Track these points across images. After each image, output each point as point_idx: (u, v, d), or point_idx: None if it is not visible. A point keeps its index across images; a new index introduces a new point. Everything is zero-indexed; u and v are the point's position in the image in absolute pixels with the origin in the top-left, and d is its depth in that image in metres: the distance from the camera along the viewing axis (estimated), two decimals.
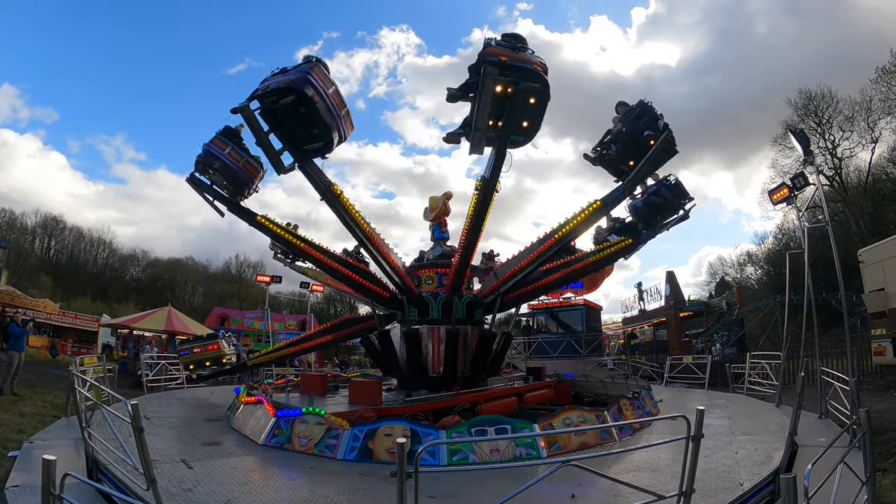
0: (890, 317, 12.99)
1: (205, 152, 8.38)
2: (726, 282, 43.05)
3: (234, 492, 4.72)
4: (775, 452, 5.64)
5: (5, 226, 43.45)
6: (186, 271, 55.71)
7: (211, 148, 8.38)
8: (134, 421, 3.63)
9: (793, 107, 32.12)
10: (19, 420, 8.22)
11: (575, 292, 20.66)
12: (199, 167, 8.39)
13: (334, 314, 42.89)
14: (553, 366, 15.37)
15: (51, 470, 3.04)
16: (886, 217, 28.51)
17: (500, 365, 10.79)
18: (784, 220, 34.70)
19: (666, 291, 25.87)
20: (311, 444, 6.47)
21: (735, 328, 23.24)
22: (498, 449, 6.19)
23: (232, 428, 8.09)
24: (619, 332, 31.97)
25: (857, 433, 4.63)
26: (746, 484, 4.70)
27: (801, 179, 9.48)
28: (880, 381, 13.08)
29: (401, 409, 7.59)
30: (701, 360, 14.74)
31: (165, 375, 13.23)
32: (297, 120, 7.15)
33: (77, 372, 6.83)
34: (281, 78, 7.22)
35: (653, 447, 5.32)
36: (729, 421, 8.12)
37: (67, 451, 5.86)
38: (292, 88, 6.99)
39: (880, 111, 28.79)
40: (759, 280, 39.65)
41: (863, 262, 14.66)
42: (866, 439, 4.17)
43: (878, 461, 5.64)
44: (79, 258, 50.86)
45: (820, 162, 29.13)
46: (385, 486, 4.59)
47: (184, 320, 23.68)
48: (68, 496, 3.17)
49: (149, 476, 3.60)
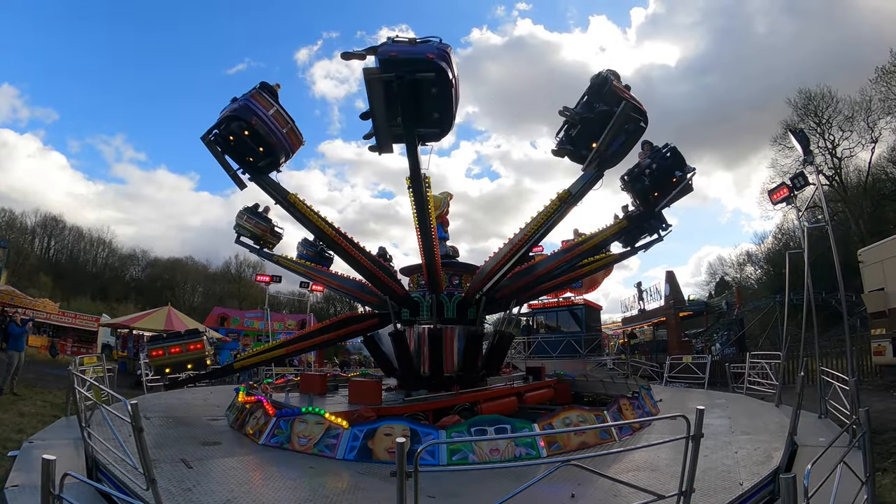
0: (890, 317, 13.00)
1: (243, 107, 8.01)
2: (726, 282, 43.11)
3: (234, 491, 4.71)
4: (775, 452, 5.64)
5: (5, 225, 43.46)
6: (186, 271, 55.73)
7: (251, 103, 8.06)
8: (134, 421, 3.63)
9: (792, 107, 32.21)
10: (19, 420, 8.23)
11: (575, 292, 20.66)
12: (225, 126, 7.99)
13: (334, 314, 42.88)
14: (553, 365, 15.36)
15: (50, 470, 3.04)
16: (886, 217, 28.53)
17: (500, 365, 10.79)
18: (784, 219, 34.80)
19: (666, 291, 25.89)
20: (311, 444, 6.47)
21: (735, 328, 23.26)
22: (498, 449, 6.19)
23: (232, 428, 8.10)
24: (619, 331, 31.99)
25: (857, 433, 4.63)
26: (746, 484, 4.70)
27: (801, 179, 9.46)
28: (880, 380, 13.09)
29: (400, 408, 7.59)
30: (700, 359, 14.76)
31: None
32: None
33: (77, 372, 6.82)
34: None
35: (652, 447, 5.33)
36: (729, 421, 8.12)
37: (67, 451, 5.87)
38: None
39: (880, 111, 28.87)
40: (759, 280, 39.69)
41: (862, 262, 14.67)
42: (866, 439, 4.17)
43: (878, 461, 5.65)
44: (78, 258, 50.88)
45: (820, 162, 29.17)
46: (385, 486, 4.59)
47: (183, 320, 23.66)
48: (68, 496, 3.16)
49: (148, 476, 3.59)
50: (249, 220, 11.47)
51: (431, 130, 7.05)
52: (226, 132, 8.02)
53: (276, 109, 8.31)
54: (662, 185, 8.36)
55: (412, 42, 6.57)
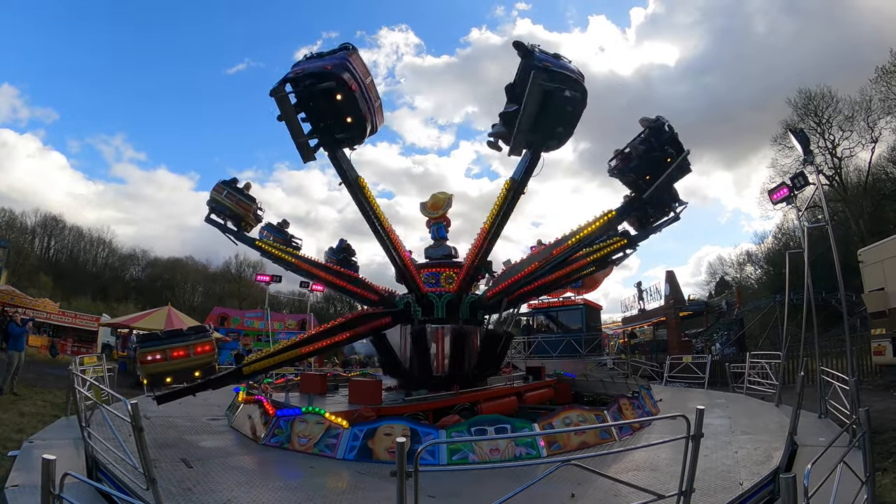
0: (890, 316, 12.99)
1: (340, 65, 7.47)
2: (726, 281, 43.05)
3: (234, 491, 4.72)
4: (775, 452, 5.65)
5: (5, 225, 43.45)
6: (186, 271, 55.72)
7: (350, 63, 7.53)
8: (134, 420, 3.63)
9: (792, 106, 32.18)
10: (19, 419, 8.22)
11: (575, 292, 20.66)
12: (313, 83, 7.39)
13: (334, 314, 42.87)
14: (553, 365, 15.36)
15: (50, 469, 3.04)
16: (886, 217, 28.52)
17: (500, 364, 10.80)
18: (784, 219, 34.77)
19: (666, 291, 25.87)
20: (311, 444, 6.47)
21: (735, 328, 23.24)
22: (498, 448, 6.19)
23: (232, 427, 8.10)
24: (619, 331, 31.98)
25: (857, 433, 4.63)
26: (746, 483, 4.70)
27: (801, 179, 9.46)
28: (880, 380, 13.09)
29: (400, 408, 7.59)
30: (700, 359, 14.77)
31: None
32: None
33: (77, 371, 6.83)
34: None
35: (652, 447, 5.34)
36: (729, 420, 8.13)
37: (67, 451, 5.87)
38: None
39: (880, 111, 28.84)
40: (759, 280, 39.65)
41: (862, 261, 14.67)
42: (866, 439, 4.17)
43: (878, 461, 5.64)
44: (78, 258, 50.86)
45: (820, 161, 29.16)
46: (385, 486, 4.59)
47: (184, 320, 23.63)
48: (68, 496, 3.16)
49: (149, 476, 3.60)
50: (231, 196, 9.96)
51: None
52: (311, 90, 6.90)
53: (371, 80, 7.60)
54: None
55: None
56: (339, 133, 7.43)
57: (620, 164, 8.47)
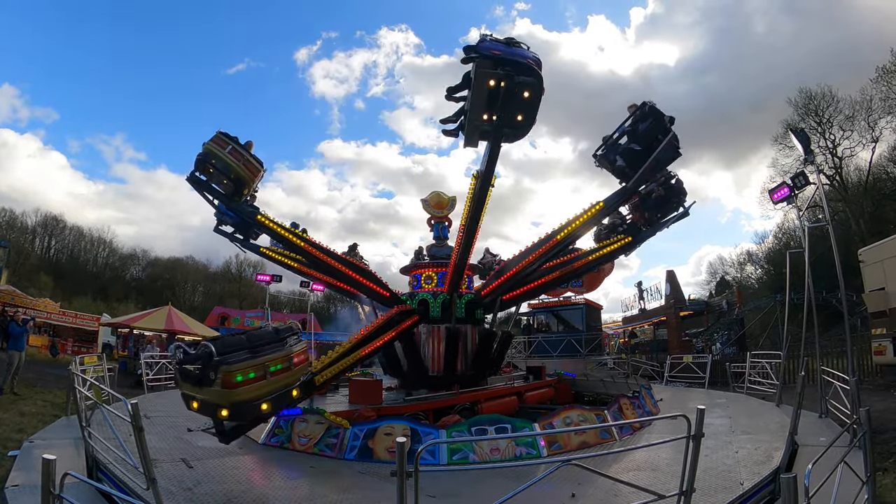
0: (890, 316, 12.99)
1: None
2: (726, 281, 43.04)
3: (234, 491, 4.72)
4: (775, 452, 5.64)
5: (5, 225, 43.50)
6: (186, 271, 55.77)
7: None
8: (134, 420, 3.63)
9: (793, 106, 32.17)
10: (19, 419, 8.23)
11: (575, 291, 20.64)
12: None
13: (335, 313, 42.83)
14: (553, 365, 15.34)
15: (51, 469, 3.04)
16: (887, 216, 28.50)
17: (500, 364, 10.79)
18: (784, 219, 34.73)
19: (666, 291, 25.87)
20: (311, 444, 6.46)
21: (735, 327, 23.23)
22: (498, 448, 6.19)
23: None
24: (620, 331, 31.97)
25: (858, 433, 4.63)
26: (747, 483, 4.70)
27: (802, 179, 9.45)
28: (880, 380, 13.09)
29: (401, 408, 7.58)
30: (701, 359, 14.74)
31: (166, 375, 13.21)
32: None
33: (77, 371, 6.83)
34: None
35: (653, 446, 5.33)
36: (729, 420, 8.12)
37: (67, 451, 5.87)
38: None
39: (880, 110, 28.85)
40: (760, 279, 39.63)
41: (863, 261, 14.67)
42: (866, 439, 4.17)
43: (879, 461, 5.64)
44: (79, 258, 50.93)
45: (820, 161, 29.16)
46: (385, 486, 4.59)
47: (184, 319, 23.67)
48: (68, 496, 3.16)
49: (149, 475, 3.60)
50: (236, 154, 8.10)
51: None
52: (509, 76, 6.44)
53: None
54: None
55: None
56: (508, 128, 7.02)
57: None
